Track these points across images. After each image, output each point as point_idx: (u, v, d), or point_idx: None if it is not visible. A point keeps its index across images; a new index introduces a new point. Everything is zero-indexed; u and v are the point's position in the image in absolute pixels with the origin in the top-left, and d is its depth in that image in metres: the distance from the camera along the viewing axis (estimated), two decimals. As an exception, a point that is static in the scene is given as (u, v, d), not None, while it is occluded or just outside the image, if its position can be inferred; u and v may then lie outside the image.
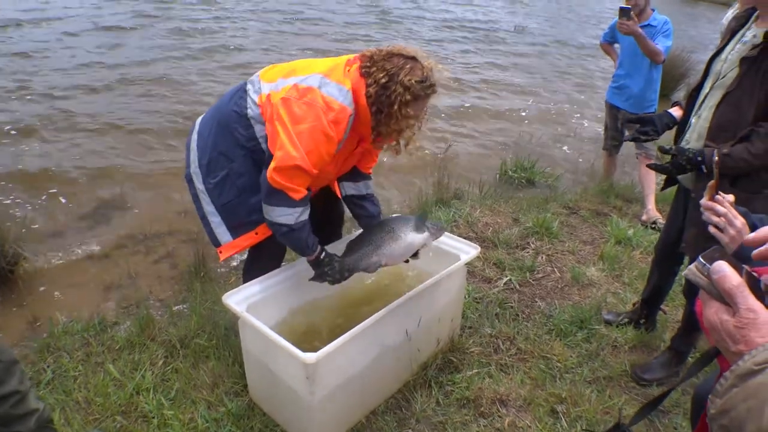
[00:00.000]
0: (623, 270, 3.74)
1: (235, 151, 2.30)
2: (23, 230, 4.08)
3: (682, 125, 2.54)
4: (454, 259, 2.61)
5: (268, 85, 2.25)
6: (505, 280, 3.48)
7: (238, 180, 2.31)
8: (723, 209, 1.63)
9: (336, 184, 2.65)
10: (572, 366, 2.82)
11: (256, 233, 2.40)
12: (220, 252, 2.45)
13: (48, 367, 2.71)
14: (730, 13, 3.96)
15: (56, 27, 10.91)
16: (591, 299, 3.40)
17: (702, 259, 0.92)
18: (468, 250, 2.66)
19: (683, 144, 2.45)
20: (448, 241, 2.74)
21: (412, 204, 4.41)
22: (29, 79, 7.62)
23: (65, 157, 5.54)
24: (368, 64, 2.17)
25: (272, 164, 2.10)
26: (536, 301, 3.34)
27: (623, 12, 4.13)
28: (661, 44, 4.26)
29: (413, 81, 2.11)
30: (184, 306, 3.24)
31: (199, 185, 2.41)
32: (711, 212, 1.67)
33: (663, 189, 2.88)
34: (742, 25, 2.34)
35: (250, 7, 14.14)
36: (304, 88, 2.13)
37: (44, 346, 2.87)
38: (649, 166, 2.68)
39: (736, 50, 2.27)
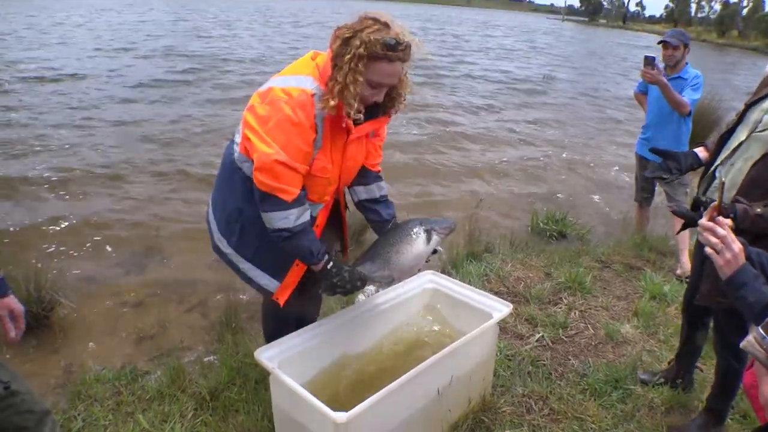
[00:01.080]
0: (658, 327, 3.66)
1: (240, 200, 2.25)
2: (60, 276, 4.17)
3: (708, 167, 2.51)
4: (486, 317, 2.58)
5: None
6: (537, 336, 3.43)
7: (254, 227, 2.25)
8: (723, 231, 1.63)
9: (342, 201, 2.53)
10: (607, 428, 2.74)
11: (297, 264, 2.32)
12: (278, 299, 2.39)
13: (78, 415, 2.72)
14: None
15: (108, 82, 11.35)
16: (626, 357, 3.32)
17: (762, 331, 0.90)
18: (500, 308, 2.63)
19: (713, 191, 2.41)
20: (480, 298, 2.73)
21: (444, 257, 4.39)
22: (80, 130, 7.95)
23: (103, 205, 5.70)
24: (339, 31, 2.04)
25: (253, 167, 2.05)
26: (569, 359, 3.27)
27: (648, 61, 4.13)
28: (687, 96, 4.24)
29: (374, 38, 1.95)
30: (215, 357, 3.24)
31: (226, 249, 2.39)
32: (710, 233, 1.66)
33: (678, 232, 2.83)
34: None
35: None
36: (264, 91, 2.10)
37: (76, 394, 2.89)
38: (673, 211, 2.64)
39: None
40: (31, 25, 22.53)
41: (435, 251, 2.39)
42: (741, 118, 2.40)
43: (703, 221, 1.69)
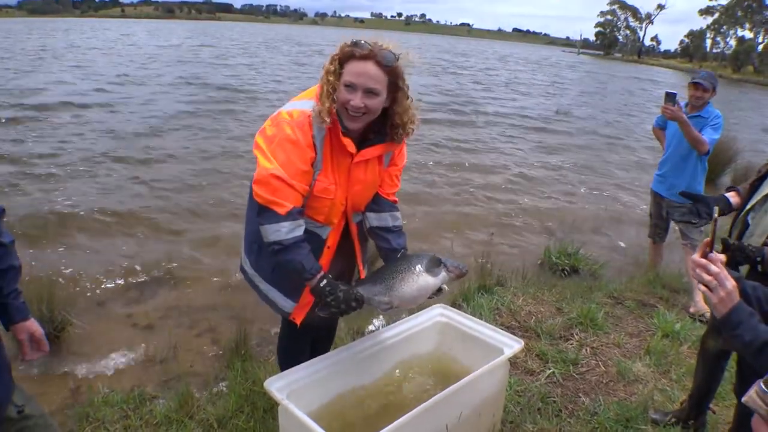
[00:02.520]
0: (671, 366, 3.62)
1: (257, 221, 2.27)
2: (72, 297, 4.22)
3: (740, 212, 2.49)
4: (497, 352, 2.57)
5: None
6: (548, 372, 3.40)
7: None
8: (716, 269, 1.60)
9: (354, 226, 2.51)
10: (617, 469, 2.71)
11: None
12: (294, 318, 2.40)
13: (86, 437, 2.72)
14: None
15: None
16: (637, 396, 3.28)
17: (764, 386, 0.89)
18: (511, 344, 2.62)
19: (747, 237, 2.40)
20: (491, 333, 2.71)
21: (455, 290, 4.39)
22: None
23: (117, 229, 5.78)
24: None
25: (252, 180, 2.13)
26: (580, 396, 3.24)
27: (669, 97, 4.14)
28: (707, 135, 4.23)
29: (349, 42, 2.12)
30: (224, 384, 3.25)
31: (248, 269, 2.45)
32: (702, 270, 1.62)
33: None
34: None
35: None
36: (274, 115, 2.19)
37: (83, 416, 2.90)
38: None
39: None
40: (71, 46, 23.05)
41: (440, 290, 2.36)
42: None
43: (696, 257, 1.66)
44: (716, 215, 1.77)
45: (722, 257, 1.64)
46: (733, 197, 2.61)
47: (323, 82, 2.12)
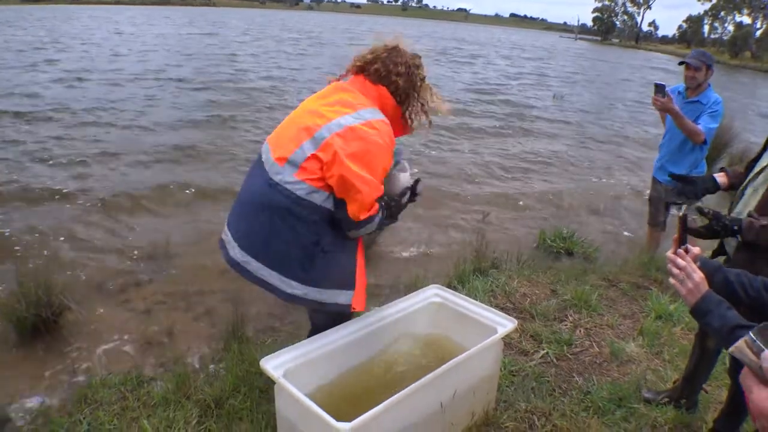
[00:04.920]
0: (663, 346, 3.65)
1: (314, 232, 2.32)
2: (70, 281, 4.24)
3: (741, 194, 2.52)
4: (491, 331, 2.59)
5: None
6: (542, 353, 3.43)
7: (326, 252, 2.34)
8: (683, 263, 1.72)
9: None
10: (610, 446, 2.74)
11: (359, 266, 2.47)
12: (356, 306, 2.44)
13: (84, 418, 2.75)
14: None
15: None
16: (630, 376, 3.31)
17: (753, 336, 0.89)
18: (505, 324, 2.65)
19: (735, 214, 2.43)
20: (485, 313, 2.74)
21: (451, 272, 4.41)
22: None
23: (115, 214, 5.79)
24: (378, 69, 2.36)
25: (355, 204, 2.21)
26: (573, 376, 3.27)
27: (658, 88, 4.06)
28: (704, 124, 4.15)
29: (417, 61, 2.45)
30: (221, 366, 3.27)
31: (300, 290, 2.35)
32: (672, 264, 1.74)
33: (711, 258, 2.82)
34: None
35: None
36: (343, 131, 2.20)
37: (82, 397, 2.93)
38: (698, 208, 2.64)
39: None
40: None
41: (417, 183, 2.57)
42: (766, 145, 2.46)
43: (668, 253, 1.79)
44: (680, 213, 1.85)
45: (696, 250, 1.77)
46: (720, 177, 2.64)
47: (421, 99, 2.45)
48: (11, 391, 3.09)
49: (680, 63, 4.38)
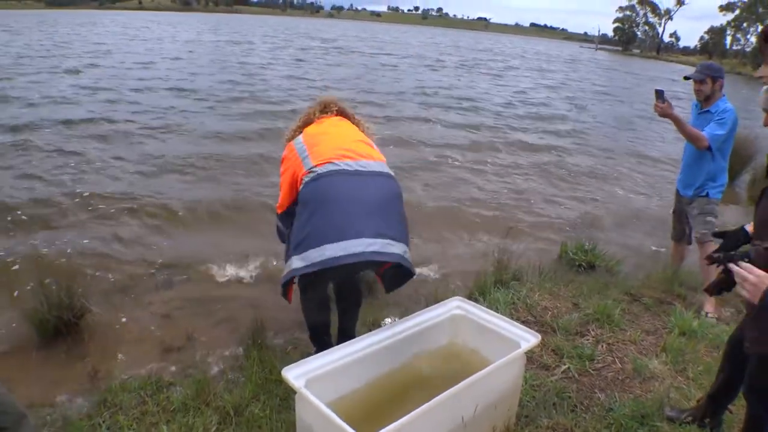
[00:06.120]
0: (687, 364, 3.58)
1: None
2: (91, 285, 4.27)
3: None
4: (514, 345, 2.57)
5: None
6: (563, 368, 3.39)
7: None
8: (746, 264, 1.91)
9: None
10: (633, 465, 2.69)
11: None
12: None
13: (103, 422, 2.77)
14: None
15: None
16: (653, 393, 3.25)
17: None
18: (528, 338, 2.62)
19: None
20: (508, 326, 2.72)
21: (471, 284, 4.38)
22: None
23: (136, 221, 5.84)
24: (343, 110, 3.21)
25: None
26: (595, 392, 3.22)
27: (658, 94, 4.06)
28: (709, 130, 4.11)
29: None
30: (240, 373, 3.27)
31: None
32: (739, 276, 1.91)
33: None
34: None
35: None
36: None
37: (101, 401, 2.95)
38: (708, 257, 2.62)
39: None
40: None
41: None
42: None
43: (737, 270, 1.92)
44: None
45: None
46: (750, 226, 2.60)
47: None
48: (32, 392, 3.10)
49: (685, 78, 4.39)
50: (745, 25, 76.82)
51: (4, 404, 1.87)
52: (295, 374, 2.26)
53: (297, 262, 2.54)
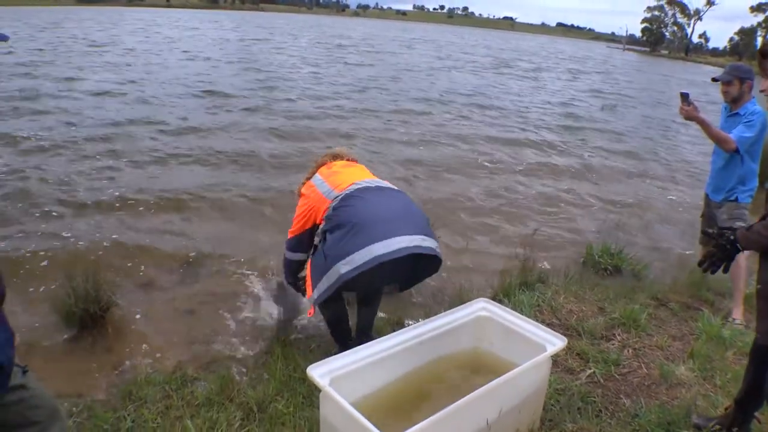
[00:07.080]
0: (715, 371, 3.52)
1: None
2: (118, 278, 4.32)
3: None
4: (539, 349, 2.54)
5: None
6: (588, 372, 3.35)
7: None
8: None
9: None
10: (658, 472, 2.65)
11: None
12: None
13: (128, 415, 2.79)
14: None
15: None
16: (680, 400, 3.19)
17: None
18: (554, 341, 2.59)
19: None
20: (533, 329, 2.69)
21: (495, 285, 4.35)
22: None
23: (164, 217, 5.90)
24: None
25: None
26: (621, 398, 3.18)
27: (683, 97, 3.98)
28: (737, 132, 4.04)
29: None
30: (264, 370, 3.29)
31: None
32: None
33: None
34: None
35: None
36: None
37: (126, 394, 2.98)
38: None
39: None
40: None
41: None
42: None
43: None
44: None
45: None
46: None
47: None
48: (58, 383, 3.14)
49: (713, 80, 4.31)
50: (776, 25, 75.45)
51: (39, 398, 1.89)
52: (320, 372, 2.26)
53: (344, 267, 2.68)
